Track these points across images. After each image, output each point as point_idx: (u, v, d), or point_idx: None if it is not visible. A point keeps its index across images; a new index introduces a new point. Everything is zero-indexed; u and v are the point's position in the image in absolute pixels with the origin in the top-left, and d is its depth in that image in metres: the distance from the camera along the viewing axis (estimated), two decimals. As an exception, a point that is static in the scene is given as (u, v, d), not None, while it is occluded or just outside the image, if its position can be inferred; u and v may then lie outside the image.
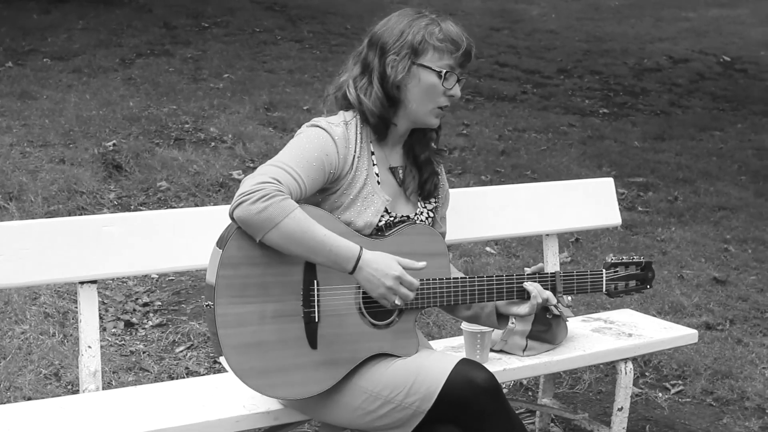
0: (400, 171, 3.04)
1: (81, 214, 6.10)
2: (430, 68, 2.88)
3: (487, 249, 6.27)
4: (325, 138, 2.81)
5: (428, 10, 2.97)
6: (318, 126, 2.85)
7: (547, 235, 4.18)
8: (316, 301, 2.75)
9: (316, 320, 2.75)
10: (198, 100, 8.92)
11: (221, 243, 2.70)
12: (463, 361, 2.72)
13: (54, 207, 6.14)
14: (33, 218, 5.86)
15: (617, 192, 7.71)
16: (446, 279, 2.92)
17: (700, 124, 10.51)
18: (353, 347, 2.81)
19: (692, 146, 9.59)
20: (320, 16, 13.94)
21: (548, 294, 2.98)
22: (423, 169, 3.06)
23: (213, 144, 7.71)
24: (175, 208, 6.43)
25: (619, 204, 7.43)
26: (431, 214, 3.10)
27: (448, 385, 2.66)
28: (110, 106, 8.37)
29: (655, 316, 5.23)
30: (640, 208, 7.61)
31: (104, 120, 7.94)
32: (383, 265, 2.70)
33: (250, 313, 2.69)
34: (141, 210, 6.37)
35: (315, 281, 2.75)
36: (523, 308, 3.00)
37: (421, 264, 2.77)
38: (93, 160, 6.96)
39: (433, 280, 2.90)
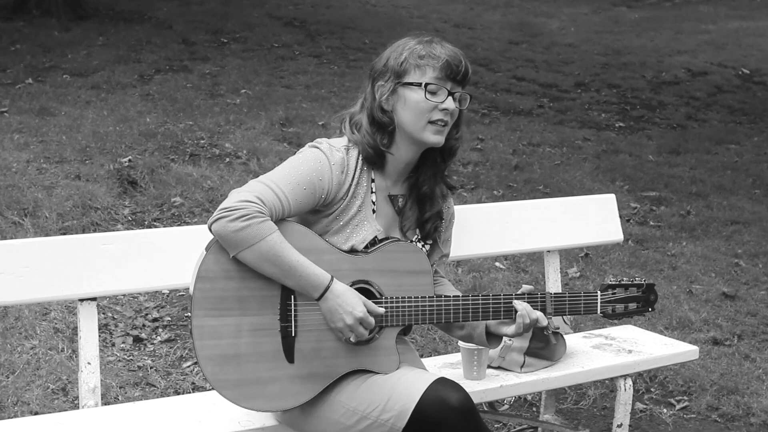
0: (400, 199, 3.05)
1: (95, 230, 6.17)
2: (411, 84, 2.90)
3: (497, 264, 6.29)
4: (322, 162, 2.85)
5: (426, 35, 3.00)
6: (318, 148, 2.89)
7: (549, 251, 4.20)
8: (293, 315, 2.81)
9: (293, 334, 2.81)
10: (214, 115, 9.01)
11: (208, 246, 2.78)
12: (439, 380, 2.75)
13: (68, 223, 6.22)
14: (47, 234, 5.95)
15: (630, 206, 7.81)
16: (428, 297, 2.93)
17: (716, 138, 10.49)
18: (331, 362, 2.85)
19: (707, 160, 9.57)
20: (339, 31, 14.02)
21: (538, 314, 2.96)
22: (425, 205, 3.06)
23: (228, 160, 7.78)
24: (188, 223, 6.51)
25: (631, 218, 7.56)
26: (429, 242, 3.11)
27: (421, 404, 2.69)
28: (127, 122, 8.47)
29: (662, 331, 5.26)
30: (651, 223, 7.60)
31: (121, 136, 8.03)
32: (349, 303, 2.77)
33: (227, 325, 2.75)
34: (155, 225, 6.44)
35: (293, 296, 2.81)
36: (510, 329, 2.98)
37: (381, 310, 2.84)
38: (108, 176, 7.04)
39: (413, 298, 2.91)
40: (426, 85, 2.89)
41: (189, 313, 2.78)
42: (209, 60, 11.48)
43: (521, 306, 2.95)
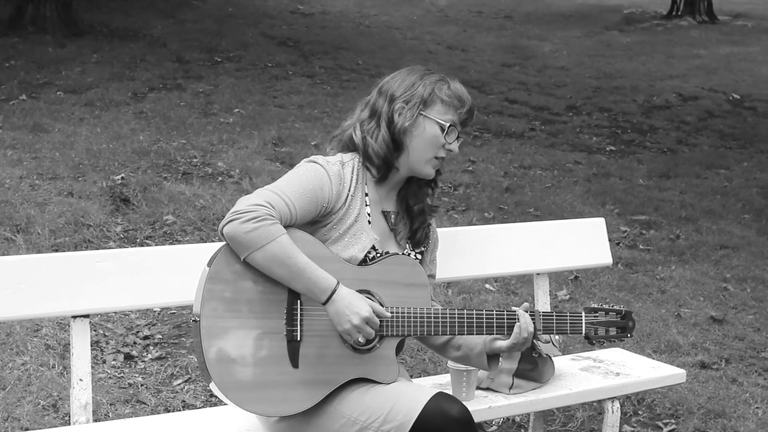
0: (392, 216, 3.17)
1: (87, 248, 6.19)
2: (435, 120, 3.06)
3: (487, 286, 6.33)
4: (321, 173, 2.97)
5: (436, 70, 3.16)
6: (315, 162, 3.01)
7: (538, 274, 4.24)
8: (299, 320, 2.86)
9: (298, 339, 2.86)
10: (207, 134, 9.05)
11: (210, 262, 2.83)
12: (440, 394, 2.83)
13: (60, 240, 6.24)
14: (39, 251, 5.97)
15: (619, 230, 7.85)
16: (426, 309, 3.01)
17: (706, 162, 10.54)
18: (334, 369, 2.90)
19: (697, 184, 9.62)
20: (332, 51, 14.10)
21: (532, 330, 3.07)
22: (415, 219, 3.18)
23: (220, 179, 7.81)
24: (180, 242, 6.53)
25: (620, 242, 7.60)
26: (419, 257, 3.21)
27: (423, 415, 2.76)
28: (120, 140, 8.50)
29: (650, 354, 5.29)
30: (641, 246, 7.64)
31: (114, 153, 8.07)
32: (354, 305, 2.83)
33: (235, 327, 2.80)
34: (147, 243, 6.47)
35: (299, 301, 2.87)
36: (506, 342, 3.08)
37: (388, 314, 2.92)
38: (101, 193, 7.07)
39: (414, 309, 3.00)
40: (450, 126, 3.05)
41: (195, 318, 2.78)
42: (203, 79, 11.53)
43: (524, 316, 3.07)
